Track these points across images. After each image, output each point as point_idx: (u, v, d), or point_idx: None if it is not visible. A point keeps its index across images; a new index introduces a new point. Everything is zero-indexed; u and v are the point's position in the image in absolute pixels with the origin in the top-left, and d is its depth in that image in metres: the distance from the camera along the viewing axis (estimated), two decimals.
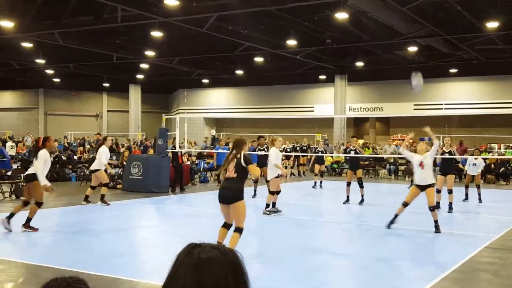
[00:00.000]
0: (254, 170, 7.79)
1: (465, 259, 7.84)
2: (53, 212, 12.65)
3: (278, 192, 12.30)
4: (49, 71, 36.59)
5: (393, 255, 8.46)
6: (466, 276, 6.99)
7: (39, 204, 9.54)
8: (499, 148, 30.18)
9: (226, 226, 7.56)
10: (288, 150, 24.20)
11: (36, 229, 9.51)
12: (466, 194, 15.22)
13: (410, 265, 7.83)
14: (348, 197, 14.27)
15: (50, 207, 13.33)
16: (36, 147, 9.78)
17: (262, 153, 14.85)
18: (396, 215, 10.20)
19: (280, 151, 13.20)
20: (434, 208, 10.08)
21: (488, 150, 28.83)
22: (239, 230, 7.36)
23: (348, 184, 14.26)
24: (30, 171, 9.61)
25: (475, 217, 12.26)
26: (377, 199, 15.03)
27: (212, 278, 1.37)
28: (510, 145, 29.08)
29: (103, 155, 13.44)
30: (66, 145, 29.52)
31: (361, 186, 14.12)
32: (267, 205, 12.24)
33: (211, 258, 1.39)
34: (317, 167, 19.58)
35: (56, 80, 40.09)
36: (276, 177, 12.17)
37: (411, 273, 7.35)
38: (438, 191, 12.91)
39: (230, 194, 7.30)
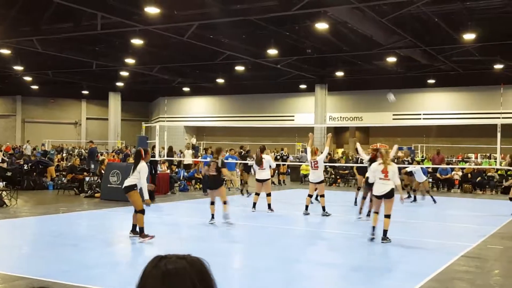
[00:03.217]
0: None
1: (442, 268, 7.92)
2: (30, 221, 12.46)
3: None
4: (27, 78, 36.16)
5: (370, 264, 8.51)
6: (443, 285, 7.06)
7: (142, 212, 9.67)
8: (476, 157, 30.65)
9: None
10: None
11: (152, 236, 9.56)
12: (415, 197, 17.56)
13: (386, 274, 7.88)
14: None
15: (26, 216, 13.14)
16: (137, 159, 9.90)
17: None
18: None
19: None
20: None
21: (465, 159, 29.24)
22: None
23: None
24: (127, 182, 9.71)
25: (451, 226, 12.41)
26: (354, 209, 15.10)
27: None
28: (487, 154, 29.54)
29: (272, 162, 14.23)
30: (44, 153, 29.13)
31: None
32: (324, 208, 13.71)
33: (178, 268, 1.40)
34: None
35: (34, 87, 39.63)
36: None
37: (388, 281, 7.41)
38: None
39: None
